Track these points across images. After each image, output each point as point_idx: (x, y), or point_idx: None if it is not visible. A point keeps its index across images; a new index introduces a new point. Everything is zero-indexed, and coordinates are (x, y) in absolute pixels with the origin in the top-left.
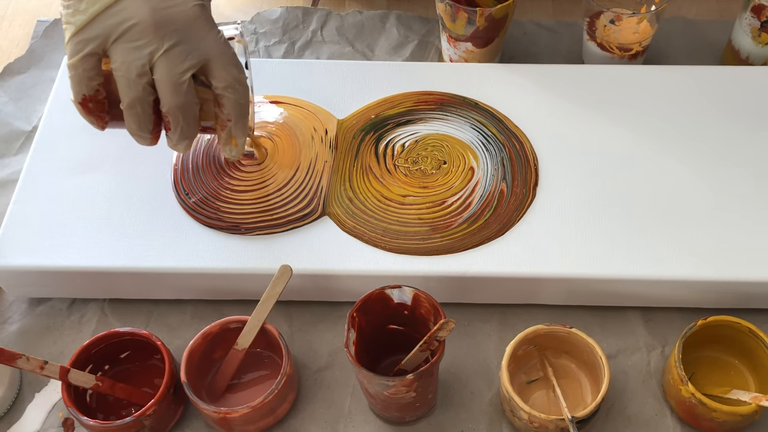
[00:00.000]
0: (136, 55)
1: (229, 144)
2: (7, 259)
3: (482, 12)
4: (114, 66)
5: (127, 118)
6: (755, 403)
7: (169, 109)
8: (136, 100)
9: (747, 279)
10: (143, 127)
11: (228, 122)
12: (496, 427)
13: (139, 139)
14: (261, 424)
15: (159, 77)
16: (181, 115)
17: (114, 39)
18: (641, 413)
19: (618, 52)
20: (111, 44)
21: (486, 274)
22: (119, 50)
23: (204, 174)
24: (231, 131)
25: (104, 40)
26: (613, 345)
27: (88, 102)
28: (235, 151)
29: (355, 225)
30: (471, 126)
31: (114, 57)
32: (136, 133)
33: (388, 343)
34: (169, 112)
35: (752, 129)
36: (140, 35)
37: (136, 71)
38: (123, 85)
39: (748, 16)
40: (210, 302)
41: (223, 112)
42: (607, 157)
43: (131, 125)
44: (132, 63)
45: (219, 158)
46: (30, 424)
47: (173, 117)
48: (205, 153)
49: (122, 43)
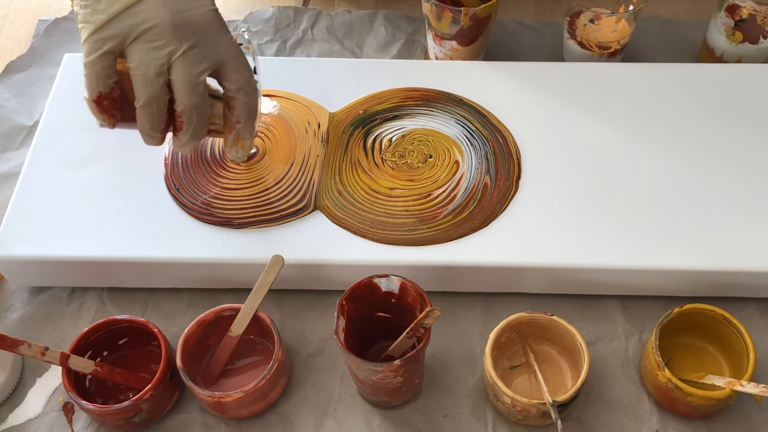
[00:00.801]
0: (155, 54)
1: (236, 146)
2: (9, 249)
3: (467, 11)
4: (132, 65)
5: (141, 117)
6: (729, 388)
7: (184, 108)
8: (153, 99)
9: (721, 268)
10: (156, 126)
11: (237, 124)
12: (479, 411)
13: (149, 139)
14: (254, 407)
15: (176, 77)
16: (195, 114)
17: (132, 39)
18: (620, 398)
19: (597, 50)
20: (129, 44)
21: (470, 263)
22: (138, 50)
23: (193, 170)
24: (239, 133)
25: (123, 39)
26: (592, 332)
27: (103, 100)
28: (242, 153)
29: (344, 217)
30: (456, 121)
31: (132, 56)
32: (147, 132)
33: (376, 330)
34: (184, 112)
35: (726, 124)
36: (159, 36)
37: (154, 70)
38: (140, 84)
39: (722, 15)
40: (205, 291)
41: (233, 114)
42: (588, 151)
43: (144, 124)
44: (150, 62)
45: (206, 154)
46: (31, 407)
47: (187, 117)
48: (194, 152)
49: (141, 43)
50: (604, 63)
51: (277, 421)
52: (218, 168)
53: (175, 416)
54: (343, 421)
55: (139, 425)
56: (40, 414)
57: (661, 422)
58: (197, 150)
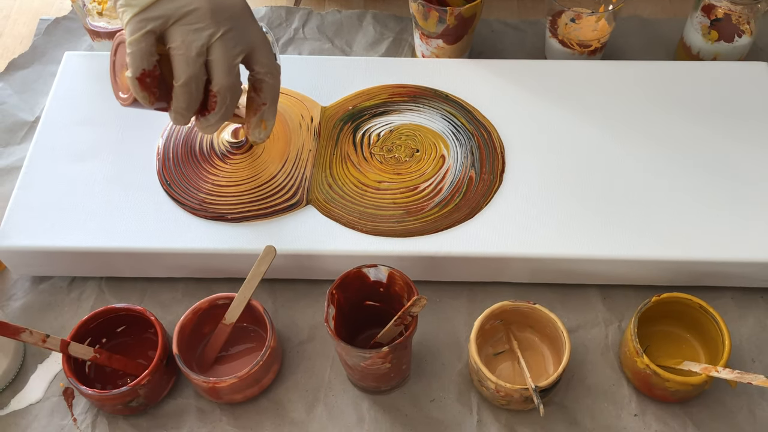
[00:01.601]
0: (196, 36)
1: (259, 127)
2: (11, 240)
3: (452, 11)
4: (173, 45)
5: (178, 96)
6: (705, 374)
7: (220, 89)
8: (193, 78)
9: (698, 259)
10: (192, 105)
11: (263, 106)
12: (465, 396)
13: (180, 118)
14: (247, 392)
15: (215, 58)
16: (229, 95)
17: (174, 21)
18: (600, 383)
19: (578, 49)
20: (170, 25)
21: (456, 254)
22: (179, 31)
23: (184, 166)
24: (263, 115)
25: (165, 21)
26: (573, 320)
27: (146, 77)
28: (264, 134)
29: (334, 209)
30: (442, 117)
31: (173, 37)
32: (182, 111)
33: (365, 318)
34: (219, 92)
35: (702, 119)
36: (199, 19)
37: (195, 50)
38: (181, 63)
39: (698, 15)
40: (200, 280)
41: (259, 96)
42: (569, 146)
43: (181, 103)
44: (192, 43)
45: (195, 150)
46: (33, 392)
47: (221, 97)
48: (184, 144)
49: (182, 25)
50: (584, 61)
51: (269, 405)
52: (207, 164)
53: (172, 401)
54: (333, 405)
55: (137, 410)
56: (41, 399)
57: (640, 407)
58: (187, 145)
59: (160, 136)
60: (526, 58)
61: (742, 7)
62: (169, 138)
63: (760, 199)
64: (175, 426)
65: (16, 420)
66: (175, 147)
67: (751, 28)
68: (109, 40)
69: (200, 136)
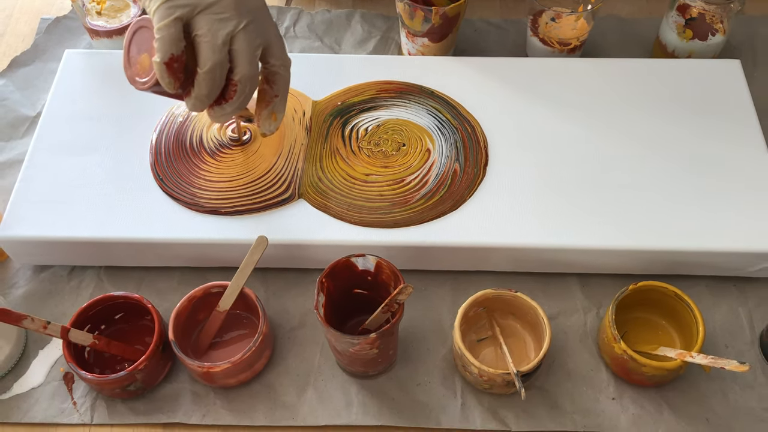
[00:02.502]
0: (222, 25)
1: (269, 119)
2: (14, 230)
3: (437, 11)
4: (199, 33)
5: (202, 82)
6: (680, 359)
7: (241, 77)
8: (218, 65)
9: (673, 248)
10: (213, 93)
11: (275, 98)
12: (449, 381)
13: (199, 105)
14: (240, 377)
15: (238, 48)
16: (248, 85)
17: (200, 10)
18: (579, 368)
19: (558, 47)
20: (196, 14)
21: (441, 244)
22: (205, 20)
23: (175, 161)
24: (275, 107)
25: (192, 9)
26: (553, 307)
27: (174, 62)
28: (274, 126)
29: (324, 201)
30: (427, 112)
31: (199, 25)
32: (202, 98)
33: (354, 306)
34: (241, 81)
35: (677, 114)
36: (224, 9)
37: (221, 38)
38: (207, 51)
39: (674, 14)
40: (195, 269)
41: (272, 88)
42: (549, 140)
43: (203, 90)
44: (218, 31)
45: (185, 145)
46: (34, 377)
47: (242, 86)
48: (175, 139)
49: (208, 14)
50: (564, 58)
51: (261, 389)
52: (197, 159)
53: (168, 385)
54: (322, 389)
55: (134, 394)
56: (42, 383)
57: (618, 391)
58: (178, 140)
59: (154, 130)
60: (508, 55)
61: (715, 6)
62: (161, 133)
63: (733, 191)
64: (170, 409)
65: (18, 403)
66: (167, 142)
67: (724, 27)
68: (107, 38)
69: (191, 132)
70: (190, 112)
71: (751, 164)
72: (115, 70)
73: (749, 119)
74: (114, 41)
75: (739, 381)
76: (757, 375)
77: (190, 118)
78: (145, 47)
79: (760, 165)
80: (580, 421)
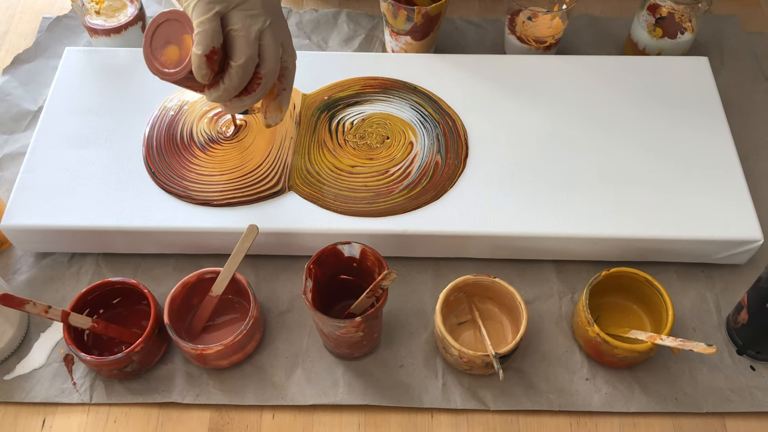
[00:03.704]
0: (253, 21)
1: (276, 111)
2: (17, 219)
3: (419, 10)
4: (234, 27)
5: (234, 75)
6: (651, 342)
7: (267, 71)
8: (251, 58)
9: (644, 236)
10: (243, 84)
11: (283, 90)
12: (431, 362)
13: (225, 95)
14: (232, 359)
15: (266, 43)
16: (271, 79)
17: (234, 6)
18: (554, 350)
19: (534, 44)
20: (231, 9)
21: (423, 232)
22: (239, 16)
23: (167, 155)
24: (281, 99)
25: (227, 5)
26: (530, 292)
27: (214, 54)
28: (280, 117)
29: (311, 192)
30: (410, 107)
31: (234, 20)
32: (232, 90)
33: (340, 291)
34: (266, 74)
35: (648, 108)
36: (254, 7)
37: (255, 33)
38: (242, 44)
39: (644, 13)
40: (189, 256)
41: (281, 81)
42: (526, 133)
43: (234, 81)
44: (252, 26)
45: (176, 139)
46: (36, 359)
47: (265, 80)
48: (166, 133)
49: (241, 10)
50: (540, 56)
51: (252, 370)
52: (187, 153)
53: (163, 366)
54: (310, 370)
55: (131, 374)
56: (43, 364)
57: (591, 371)
58: (169, 134)
59: (146, 124)
60: (487, 53)
61: (684, 6)
62: (153, 127)
63: (701, 182)
64: (166, 389)
65: (20, 383)
66: (159, 136)
67: (692, 26)
68: (105, 36)
69: (181, 126)
70: (182, 107)
71: (718, 156)
72: (113, 67)
73: (716, 113)
74: (112, 39)
75: (707, 362)
76: (724, 357)
77: (182, 111)
78: (174, 39)
79: (726, 157)
80: (555, 400)
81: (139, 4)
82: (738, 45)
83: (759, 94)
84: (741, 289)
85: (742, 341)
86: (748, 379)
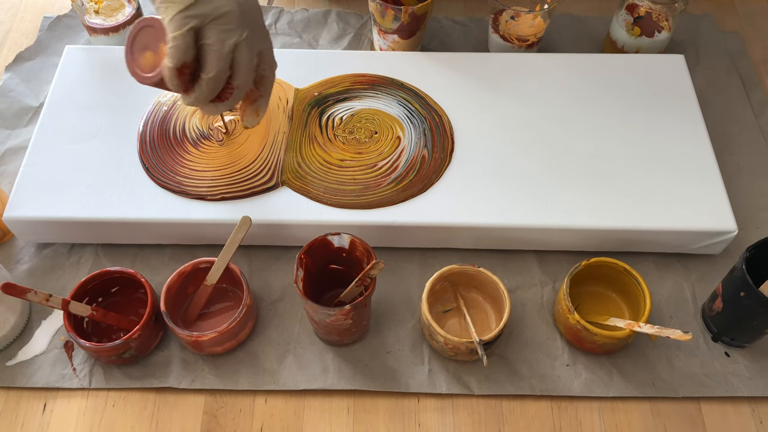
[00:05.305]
0: (228, 35)
1: (253, 115)
2: (19, 211)
3: (406, 9)
4: (208, 42)
5: (204, 87)
6: (629, 329)
7: (239, 83)
8: (221, 71)
9: (623, 227)
10: (213, 95)
11: (260, 97)
12: (417, 348)
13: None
14: (226, 345)
15: (239, 57)
16: (244, 90)
17: (210, 20)
18: (536, 337)
19: (517, 43)
20: (206, 24)
21: (410, 223)
22: (215, 30)
23: (160, 150)
24: (258, 105)
25: (203, 19)
26: (513, 281)
27: (185, 68)
28: (256, 121)
29: (302, 185)
30: (398, 102)
31: (208, 34)
32: (203, 99)
33: (330, 280)
34: (238, 87)
35: (626, 103)
36: (230, 21)
37: (228, 48)
38: (215, 58)
39: (623, 13)
40: (185, 246)
41: (258, 89)
42: (510, 128)
43: (205, 92)
44: (226, 41)
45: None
46: (37, 345)
47: (238, 91)
48: (159, 129)
49: (217, 25)
50: (523, 53)
51: (245, 357)
52: (180, 149)
53: (159, 353)
54: (301, 356)
55: (129, 360)
56: (44, 351)
57: (571, 358)
58: (162, 129)
59: (141, 120)
60: (472, 51)
61: (661, 6)
62: (147, 123)
63: (677, 175)
64: (162, 375)
65: (22, 369)
66: (152, 132)
67: (669, 25)
68: (104, 35)
69: (174, 121)
70: (176, 102)
71: (694, 150)
72: (111, 65)
73: (692, 109)
74: (110, 38)
75: (683, 349)
76: (699, 343)
77: (175, 107)
78: (151, 46)
79: (701, 151)
80: (537, 385)
81: (136, 4)
82: (713, 43)
83: (733, 91)
84: (716, 278)
85: (716, 329)
86: (722, 365)
